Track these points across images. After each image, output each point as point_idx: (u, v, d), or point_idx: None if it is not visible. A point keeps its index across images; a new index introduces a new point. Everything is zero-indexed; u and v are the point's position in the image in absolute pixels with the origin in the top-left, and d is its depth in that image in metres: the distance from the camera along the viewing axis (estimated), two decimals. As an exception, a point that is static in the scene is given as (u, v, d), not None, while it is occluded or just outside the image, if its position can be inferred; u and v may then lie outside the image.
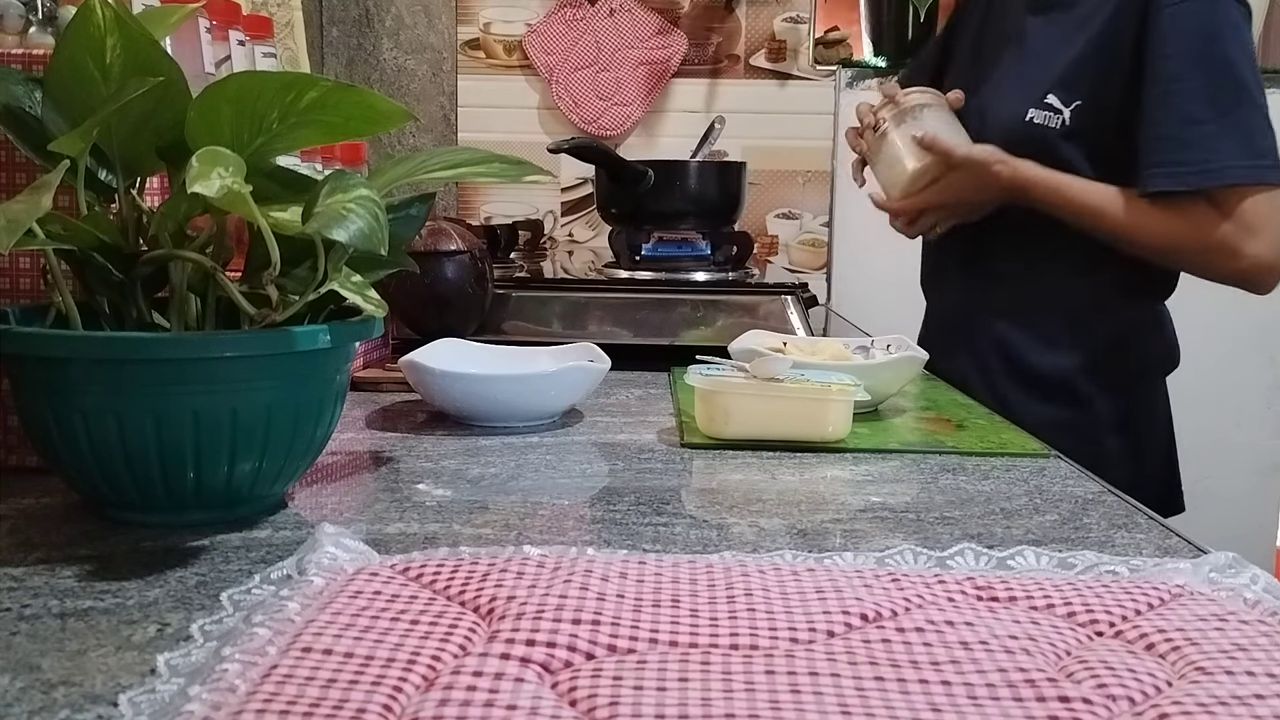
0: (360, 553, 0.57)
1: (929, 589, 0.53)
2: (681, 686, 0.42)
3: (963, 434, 0.97)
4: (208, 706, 0.40)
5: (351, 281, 0.68)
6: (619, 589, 0.51)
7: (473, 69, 2.44)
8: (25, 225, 0.56)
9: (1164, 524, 0.72)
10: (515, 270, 1.46)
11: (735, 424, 0.89)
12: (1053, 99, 1.32)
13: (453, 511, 0.71)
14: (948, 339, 1.45)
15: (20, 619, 0.52)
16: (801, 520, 0.71)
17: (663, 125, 2.45)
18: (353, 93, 0.63)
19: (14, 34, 1.00)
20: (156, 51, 0.63)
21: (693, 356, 0.98)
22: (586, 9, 2.41)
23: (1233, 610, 0.51)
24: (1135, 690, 0.43)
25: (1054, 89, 1.33)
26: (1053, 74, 1.34)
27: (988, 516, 0.72)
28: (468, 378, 0.95)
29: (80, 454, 0.63)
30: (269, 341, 0.64)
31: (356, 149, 1.20)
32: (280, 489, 0.70)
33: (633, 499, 0.75)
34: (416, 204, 0.79)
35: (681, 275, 1.42)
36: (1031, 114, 1.34)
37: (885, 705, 0.41)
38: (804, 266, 2.46)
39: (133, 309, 0.68)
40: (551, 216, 2.46)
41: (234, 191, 0.58)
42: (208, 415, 0.62)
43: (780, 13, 2.44)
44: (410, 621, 0.48)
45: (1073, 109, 1.31)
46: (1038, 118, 1.33)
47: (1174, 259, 1.33)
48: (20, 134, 0.67)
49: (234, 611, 0.51)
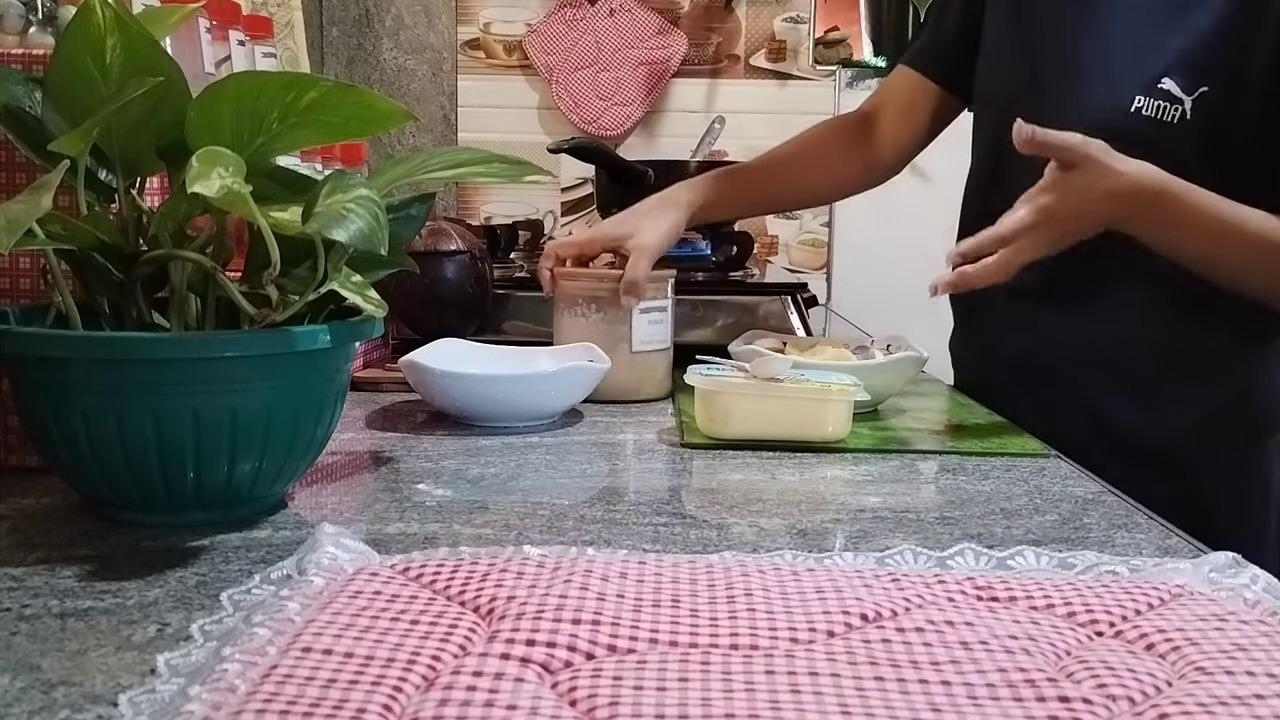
0: (360, 553, 0.57)
1: (929, 589, 0.53)
2: (681, 686, 0.42)
3: (963, 434, 0.97)
4: (208, 706, 0.40)
5: (351, 281, 0.68)
6: (619, 589, 0.51)
7: (473, 69, 2.44)
8: (25, 225, 0.56)
9: (1164, 524, 0.72)
10: (515, 270, 1.46)
11: (735, 424, 0.89)
12: (1169, 84, 1.00)
13: (453, 511, 0.71)
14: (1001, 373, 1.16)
15: (20, 619, 0.52)
16: (801, 520, 0.71)
17: (663, 125, 2.45)
18: (353, 93, 0.63)
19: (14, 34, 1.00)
20: (156, 51, 0.63)
21: (693, 356, 0.98)
22: (586, 9, 2.41)
23: (1233, 610, 0.51)
24: (1135, 690, 0.43)
25: (1172, 70, 1.01)
26: (1169, 50, 1.01)
27: (988, 516, 0.72)
28: (468, 378, 0.95)
29: (80, 454, 0.63)
30: (269, 341, 0.64)
31: (356, 149, 1.20)
32: (280, 489, 0.70)
33: (633, 499, 0.75)
34: (416, 204, 0.79)
35: (681, 275, 1.42)
36: (1139, 102, 1.01)
37: (885, 705, 0.41)
38: (804, 266, 2.46)
39: (133, 309, 0.68)
40: (551, 216, 2.46)
41: (234, 191, 0.58)
42: (208, 415, 0.62)
43: (780, 13, 2.44)
44: (410, 621, 0.48)
45: (1196, 97, 1.00)
46: (1147, 108, 1.01)
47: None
48: (20, 134, 0.67)
49: (234, 611, 0.51)
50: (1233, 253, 0.97)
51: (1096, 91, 1.05)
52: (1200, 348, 1.07)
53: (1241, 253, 0.96)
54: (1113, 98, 1.03)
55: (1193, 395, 1.07)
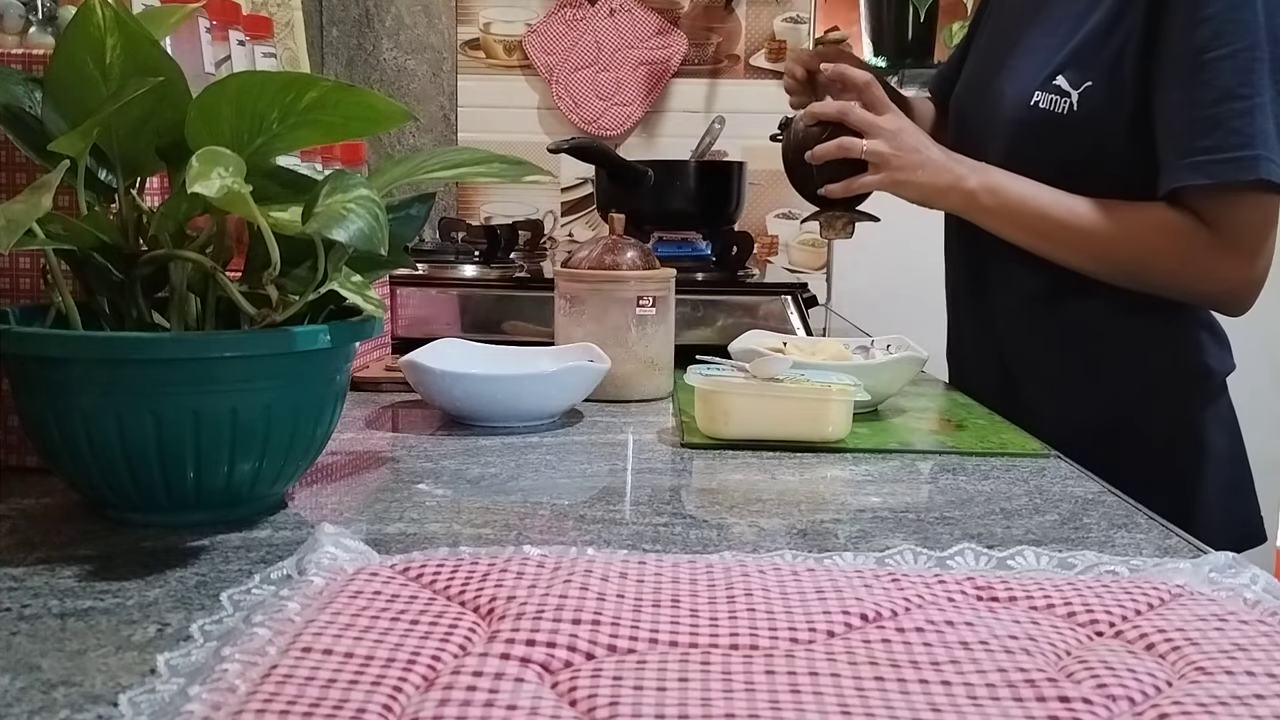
0: (360, 553, 0.57)
1: (929, 589, 0.53)
2: (681, 686, 0.42)
3: (963, 434, 0.97)
4: (208, 706, 0.40)
5: (351, 281, 0.68)
6: (619, 589, 0.51)
7: (473, 69, 2.44)
8: (25, 225, 0.56)
9: (1164, 524, 0.72)
10: (515, 270, 1.46)
11: (735, 424, 0.89)
12: (1061, 80, 1.14)
13: (453, 511, 0.71)
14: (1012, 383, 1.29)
15: (20, 619, 0.52)
16: (801, 520, 0.71)
17: (663, 125, 2.45)
18: (353, 93, 0.63)
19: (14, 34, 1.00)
20: (156, 51, 0.63)
21: (693, 356, 0.98)
22: (586, 9, 2.41)
23: (1233, 610, 0.51)
24: (1135, 690, 0.43)
25: (1064, 68, 1.15)
26: (1064, 51, 1.15)
27: (988, 516, 0.72)
28: (468, 378, 0.95)
29: (80, 454, 0.63)
30: (269, 341, 0.64)
31: (356, 149, 1.20)
32: (280, 489, 0.70)
33: (632, 499, 0.75)
34: (416, 204, 0.79)
35: (681, 275, 1.42)
36: (1037, 97, 1.16)
37: (885, 705, 0.41)
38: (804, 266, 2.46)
39: (133, 309, 0.68)
40: (551, 216, 2.45)
41: (234, 191, 0.58)
42: (208, 415, 0.62)
43: (780, 13, 2.44)
44: (410, 621, 0.48)
45: (1082, 91, 1.13)
46: (1044, 102, 1.15)
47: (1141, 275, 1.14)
48: (20, 134, 0.67)
49: (234, 611, 0.51)
50: (1037, 230, 1.15)
51: (1008, 91, 1.21)
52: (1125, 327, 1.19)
53: (1044, 231, 1.14)
54: (1019, 95, 1.19)
55: (1132, 367, 1.20)
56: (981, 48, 1.35)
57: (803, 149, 1.19)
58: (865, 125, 1.16)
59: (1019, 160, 1.17)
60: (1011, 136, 1.20)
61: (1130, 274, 1.14)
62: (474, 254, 1.57)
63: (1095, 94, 1.13)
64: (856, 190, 1.18)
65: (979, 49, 1.36)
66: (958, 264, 1.38)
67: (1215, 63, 1.05)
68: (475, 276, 1.41)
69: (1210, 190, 1.07)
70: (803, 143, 1.20)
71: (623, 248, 1.08)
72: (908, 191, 1.18)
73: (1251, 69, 1.04)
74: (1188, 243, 1.09)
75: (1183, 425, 1.21)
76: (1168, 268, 1.12)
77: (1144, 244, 1.12)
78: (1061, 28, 1.18)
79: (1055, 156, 1.15)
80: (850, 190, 1.18)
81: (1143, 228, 1.11)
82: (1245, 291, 1.11)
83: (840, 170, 1.18)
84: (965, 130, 1.32)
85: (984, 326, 1.32)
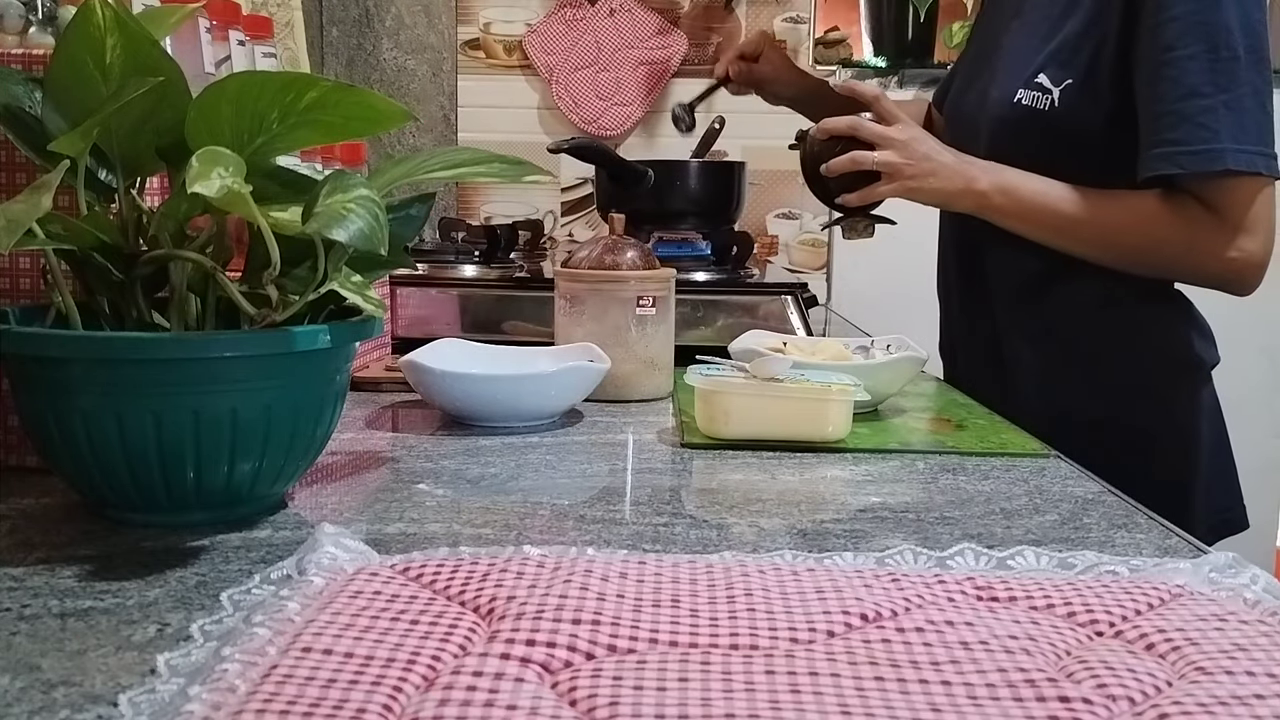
0: (360, 553, 0.57)
1: (929, 589, 0.53)
2: (681, 686, 0.42)
3: (963, 434, 0.97)
4: (208, 706, 0.40)
5: (351, 281, 0.68)
6: (619, 589, 0.51)
7: (473, 69, 2.44)
8: (25, 225, 0.56)
9: (1164, 524, 0.72)
10: (515, 270, 1.46)
11: (735, 424, 0.89)
12: (1043, 78, 1.20)
13: (453, 511, 0.71)
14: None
15: (20, 619, 0.52)
16: (801, 520, 0.71)
17: (663, 125, 2.44)
18: (353, 93, 0.63)
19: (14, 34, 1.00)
20: (156, 51, 0.63)
21: (693, 356, 0.98)
22: (586, 9, 2.41)
23: (1233, 610, 0.51)
24: (1135, 690, 0.43)
25: (1045, 66, 1.21)
26: (1044, 52, 1.21)
27: (988, 516, 0.72)
28: (468, 378, 0.95)
29: (80, 454, 0.63)
30: (269, 341, 0.64)
31: (356, 149, 1.20)
32: (280, 489, 0.70)
33: (632, 499, 0.75)
34: (416, 204, 0.79)
35: (681, 275, 1.42)
36: (1020, 95, 1.22)
37: (885, 705, 0.41)
38: (804, 266, 2.46)
39: (133, 309, 0.68)
40: (551, 216, 2.45)
41: (234, 191, 0.58)
42: (208, 415, 0.62)
43: (780, 13, 2.44)
44: (410, 621, 0.48)
45: (1062, 88, 1.19)
46: (1026, 99, 1.21)
47: (1151, 260, 1.19)
48: (20, 134, 0.67)
49: (234, 611, 0.51)
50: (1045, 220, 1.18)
51: (992, 90, 1.27)
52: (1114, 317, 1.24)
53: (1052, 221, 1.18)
54: (1003, 93, 1.25)
55: (1122, 362, 1.24)
56: (969, 54, 1.44)
57: (818, 162, 1.24)
58: (876, 137, 1.20)
59: (1004, 154, 1.22)
60: (996, 132, 1.25)
61: (1141, 261, 1.19)
62: (474, 254, 1.57)
63: (1075, 91, 1.19)
64: (872, 199, 1.23)
65: (966, 56, 1.45)
66: (949, 253, 1.43)
67: (1181, 61, 1.10)
68: (475, 276, 1.41)
69: (1199, 177, 1.12)
70: (818, 156, 1.24)
71: (623, 248, 1.08)
72: (922, 197, 1.22)
73: (1216, 67, 1.10)
74: (1193, 226, 1.14)
75: (1170, 414, 1.25)
76: (1176, 252, 1.17)
77: (1153, 230, 1.16)
78: (1041, 29, 1.24)
79: (1038, 150, 1.20)
80: (866, 200, 1.23)
81: (1150, 215, 1.16)
82: (1250, 272, 1.16)
83: (857, 180, 1.22)
84: (956, 129, 1.37)
85: (977, 314, 1.36)
